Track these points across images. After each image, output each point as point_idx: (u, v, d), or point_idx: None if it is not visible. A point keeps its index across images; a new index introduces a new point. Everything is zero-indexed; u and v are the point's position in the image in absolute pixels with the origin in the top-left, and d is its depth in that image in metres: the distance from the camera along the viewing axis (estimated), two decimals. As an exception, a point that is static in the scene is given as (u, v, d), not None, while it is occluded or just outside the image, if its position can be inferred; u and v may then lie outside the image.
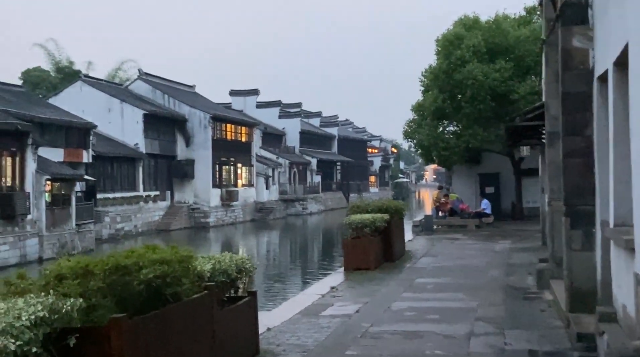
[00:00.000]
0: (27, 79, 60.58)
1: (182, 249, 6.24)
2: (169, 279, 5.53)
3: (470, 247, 20.51)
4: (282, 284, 20.91)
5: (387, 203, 17.55)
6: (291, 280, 22.02)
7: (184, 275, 5.86)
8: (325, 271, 21.38)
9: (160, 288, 5.45)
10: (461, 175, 32.53)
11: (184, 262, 5.96)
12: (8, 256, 27.95)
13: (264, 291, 17.82)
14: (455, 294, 11.98)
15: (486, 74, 26.91)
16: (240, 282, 7.83)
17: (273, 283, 20.50)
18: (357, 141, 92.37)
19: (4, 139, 28.19)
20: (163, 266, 5.51)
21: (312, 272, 23.04)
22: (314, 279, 19.59)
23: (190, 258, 6.17)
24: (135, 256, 5.47)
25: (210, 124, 49.75)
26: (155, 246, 6.13)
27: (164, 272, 5.45)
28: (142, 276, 5.23)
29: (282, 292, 18.37)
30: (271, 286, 19.49)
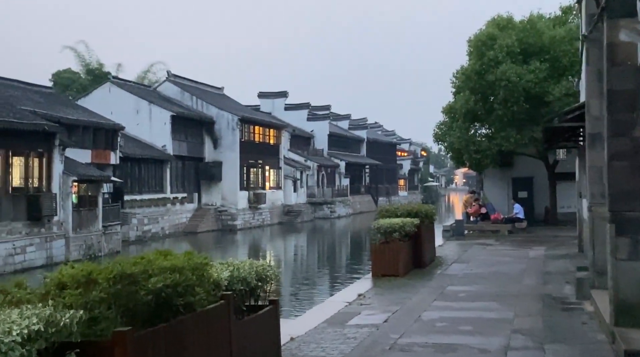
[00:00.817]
0: (58, 80, 61.18)
1: (197, 255, 5.77)
2: (181, 288, 5.07)
3: (504, 253, 19.80)
4: (309, 289, 20.41)
5: (417, 207, 16.96)
6: (318, 285, 21.49)
7: (197, 284, 5.40)
8: (353, 276, 20.86)
9: (171, 298, 4.99)
10: (493, 179, 31.74)
11: (198, 269, 5.50)
12: (34, 257, 27.90)
13: (290, 295, 17.37)
14: (490, 303, 11.36)
15: (520, 75, 26.11)
16: (261, 290, 7.36)
17: (299, 288, 20.03)
18: (386, 144, 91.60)
19: (31, 140, 28.16)
20: (174, 274, 5.05)
21: (340, 278, 22.51)
22: (341, 284, 19.09)
23: (205, 265, 5.70)
24: (144, 263, 5.02)
25: (238, 126, 49.54)
26: (167, 252, 5.68)
27: (175, 281, 5.00)
28: (150, 285, 4.78)
29: (308, 298, 17.89)
30: (297, 291, 19.02)
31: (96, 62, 62.99)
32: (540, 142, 26.68)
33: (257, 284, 6.97)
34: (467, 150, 28.03)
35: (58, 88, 57.89)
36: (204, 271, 5.64)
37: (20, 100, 32.56)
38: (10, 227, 26.94)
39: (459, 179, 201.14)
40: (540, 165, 29.59)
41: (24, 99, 33.44)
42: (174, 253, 5.70)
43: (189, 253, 5.72)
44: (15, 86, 35.90)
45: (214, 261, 6.78)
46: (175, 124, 45.10)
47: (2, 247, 26.20)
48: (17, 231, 27.28)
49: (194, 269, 5.44)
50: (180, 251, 21.11)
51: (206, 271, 5.70)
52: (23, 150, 28.01)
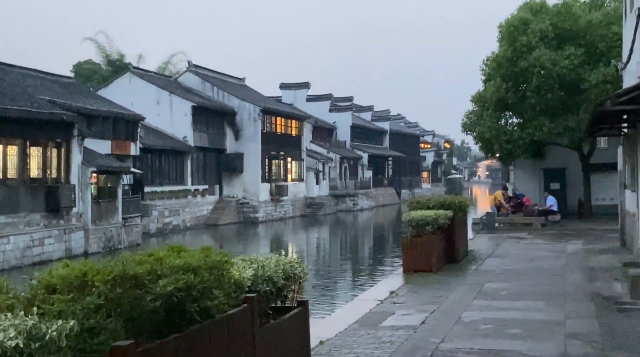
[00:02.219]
0: (79, 71, 60.83)
1: (216, 251, 4.92)
2: (196, 291, 4.22)
3: (539, 247, 18.78)
4: (335, 285, 19.47)
5: (449, 199, 16.00)
6: (344, 281, 20.55)
7: (216, 285, 4.54)
8: (381, 271, 19.98)
9: (184, 303, 4.14)
10: (524, 170, 30.59)
11: (216, 268, 4.64)
12: (53, 249, 27.35)
13: (315, 292, 16.49)
14: (535, 302, 10.41)
15: (554, 61, 24.96)
16: (289, 290, 6.50)
17: (325, 284, 19.11)
18: (409, 136, 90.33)
19: (49, 130, 27.59)
20: (188, 275, 4.20)
21: (367, 273, 21.58)
22: (369, 280, 18.21)
23: (225, 263, 4.84)
24: (151, 262, 4.17)
25: (259, 117, 48.75)
26: (180, 247, 4.83)
27: (189, 283, 4.15)
28: (158, 288, 3.93)
29: (335, 295, 17.00)
30: (323, 288, 18.12)
31: (117, 53, 62.49)
32: (575, 131, 25.60)
33: (284, 283, 6.11)
34: (497, 140, 26.92)
35: (79, 79, 57.49)
36: (224, 270, 4.79)
37: (39, 90, 32.00)
38: (28, 219, 26.41)
39: (482, 172, 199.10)
40: (573, 155, 28.41)
41: (43, 89, 32.88)
42: (188, 249, 4.85)
43: (205, 249, 4.86)
44: (34, 76, 35.35)
45: (235, 257, 5.93)
46: (196, 115, 44.41)
47: (20, 240, 25.67)
48: (35, 223, 26.74)
49: (212, 268, 4.59)
50: (202, 244, 20.22)
51: (226, 270, 4.84)
52: (41, 141, 27.43)
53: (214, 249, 4.97)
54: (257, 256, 6.28)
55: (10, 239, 25.26)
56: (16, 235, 25.54)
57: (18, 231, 25.71)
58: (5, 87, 28.19)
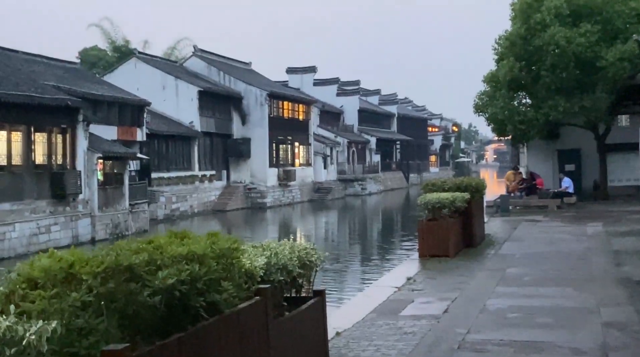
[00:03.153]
0: (84, 58, 60.24)
1: (224, 237, 4.36)
2: (202, 283, 3.67)
3: (558, 230, 18.16)
4: (347, 272, 18.84)
5: (465, 180, 15.38)
6: (357, 267, 19.93)
7: (225, 276, 3.99)
8: (394, 256, 19.43)
9: (189, 298, 3.59)
10: (537, 151, 29.90)
11: (225, 257, 4.08)
12: (59, 236, 26.93)
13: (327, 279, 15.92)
14: (562, 288, 9.84)
15: (569, 39, 24.17)
16: (305, 279, 5.95)
17: (338, 270, 18.53)
18: (417, 119, 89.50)
19: (53, 115, 27.07)
20: (192, 265, 3.64)
21: (380, 258, 21.02)
22: (383, 266, 17.67)
23: (235, 250, 4.28)
24: (150, 250, 3.61)
25: (266, 102, 48.10)
26: (184, 233, 4.27)
27: (193, 274, 3.59)
28: (157, 281, 3.37)
29: (348, 283, 16.42)
30: (336, 275, 17.54)
31: (122, 39, 61.96)
32: (591, 110, 24.89)
33: (300, 272, 5.56)
34: (511, 121, 26.19)
35: (85, 66, 56.88)
36: (234, 259, 4.23)
37: (43, 75, 31.47)
38: (33, 206, 25.97)
39: (489, 155, 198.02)
40: (588, 136, 27.69)
41: (47, 74, 32.35)
42: (193, 235, 4.29)
43: (213, 235, 4.30)
44: (38, 61, 34.81)
45: (246, 244, 5.38)
46: (202, 100, 43.81)
47: (25, 227, 25.25)
48: (41, 210, 26.31)
49: (220, 257, 4.03)
50: (209, 230, 19.54)
51: (236, 258, 4.28)
52: (46, 126, 26.92)
53: (222, 235, 4.42)
54: (269, 242, 5.73)
55: (15, 226, 24.84)
56: (22, 222, 25.13)
57: (23, 218, 25.29)
58: (8, 73, 27.66)
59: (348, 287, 15.23)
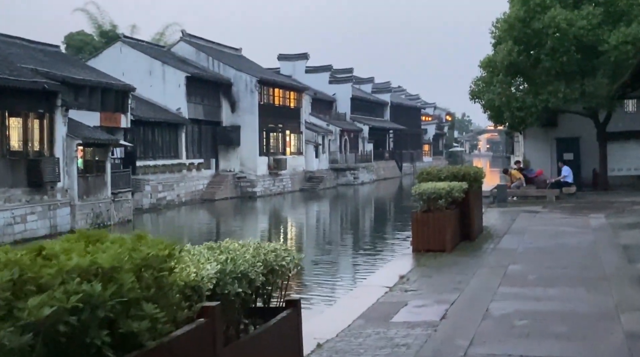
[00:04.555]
0: (70, 43, 58.85)
1: (155, 241, 3.24)
2: (106, 310, 2.55)
3: (559, 222, 17.15)
4: (336, 267, 17.70)
5: (463, 169, 14.32)
6: (346, 262, 18.79)
7: (150, 296, 2.88)
8: (386, 250, 18.36)
9: (86, 333, 2.49)
10: (535, 140, 28.87)
11: (151, 268, 2.97)
12: (37, 226, 25.76)
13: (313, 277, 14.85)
14: (573, 289, 8.79)
15: (570, 22, 23.07)
16: (274, 286, 4.85)
17: (324, 267, 17.40)
18: (411, 108, 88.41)
19: (30, 100, 25.81)
20: (93, 284, 2.53)
21: (371, 252, 19.90)
22: (374, 261, 16.59)
23: (168, 258, 3.17)
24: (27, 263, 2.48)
25: (257, 88, 46.85)
26: (100, 235, 3.17)
27: (92, 298, 2.48)
28: (28, 312, 2.26)
29: (336, 280, 15.30)
30: (322, 271, 16.43)
31: (109, 23, 60.50)
32: (593, 96, 23.84)
33: (266, 279, 4.47)
34: (508, 108, 25.09)
35: (71, 51, 55.53)
36: (166, 271, 3.12)
37: (22, 59, 30.17)
38: (8, 195, 24.76)
39: (482, 145, 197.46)
40: (588, 123, 26.66)
41: (27, 58, 31.04)
42: (113, 238, 3.18)
43: (139, 238, 3.19)
44: (18, 44, 33.47)
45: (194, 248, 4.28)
46: (190, 86, 42.54)
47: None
48: (16, 199, 25.10)
49: (144, 269, 2.93)
50: (197, 220, 18.09)
51: (169, 269, 3.17)
52: (21, 111, 25.66)
53: (155, 237, 3.31)
54: (229, 243, 4.64)
55: (-12, 216, 23.68)
56: (-5, 212, 23.95)
57: (-3, 208, 24.11)
58: (-19, 55, 26.41)
59: (336, 285, 14.14)
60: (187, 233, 30.66)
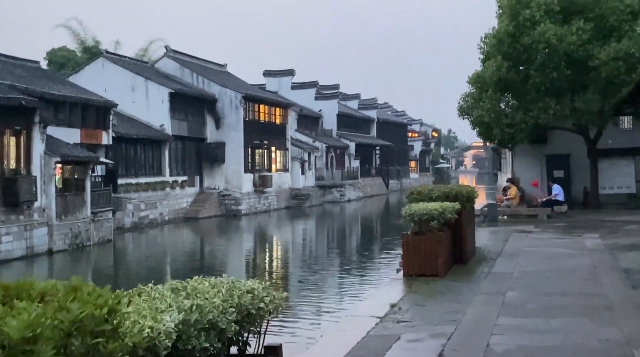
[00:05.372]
0: (53, 59, 58.08)
1: (97, 291, 2.56)
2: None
3: (553, 242, 16.58)
4: (320, 293, 16.80)
5: (455, 188, 13.70)
6: (332, 287, 17.90)
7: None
8: (374, 273, 17.66)
9: None
10: (525, 156, 28.40)
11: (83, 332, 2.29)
12: (12, 247, 24.85)
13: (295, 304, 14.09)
14: (578, 320, 8.16)
15: (560, 37, 22.69)
16: (251, 330, 4.18)
17: (308, 293, 16.60)
18: (397, 125, 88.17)
19: (6, 116, 25.03)
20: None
21: (359, 276, 19.16)
22: (361, 286, 15.89)
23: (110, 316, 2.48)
24: None
25: (242, 105, 46.25)
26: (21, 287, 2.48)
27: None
28: None
29: (319, 309, 14.46)
30: (305, 298, 15.64)
31: (92, 39, 59.67)
32: (583, 113, 23.43)
33: (240, 327, 3.80)
34: (497, 125, 24.63)
35: (53, 67, 54.73)
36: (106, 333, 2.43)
37: (0, 74, 29.38)
38: (-18, 215, 23.90)
39: (468, 161, 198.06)
40: (578, 141, 26.25)
41: (4, 73, 30.21)
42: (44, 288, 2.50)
43: (74, 289, 2.50)
44: (-4, 60, 32.70)
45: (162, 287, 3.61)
46: (174, 102, 41.85)
47: (-28, 238, 23.17)
48: (-9, 219, 24.23)
49: (74, 334, 2.25)
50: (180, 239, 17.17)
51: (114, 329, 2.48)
52: (-4, 128, 24.90)
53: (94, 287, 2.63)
54: (198, 283, 3.97)
55: (-40, 237, 22.77)
56: (-32, 233, 23.05)
57: (-30, 228, 23.22)
58: (-43, 70, 25.61)
59: (321, 312, 13.40)
60: (169, 253, 29.84)
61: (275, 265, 25.15)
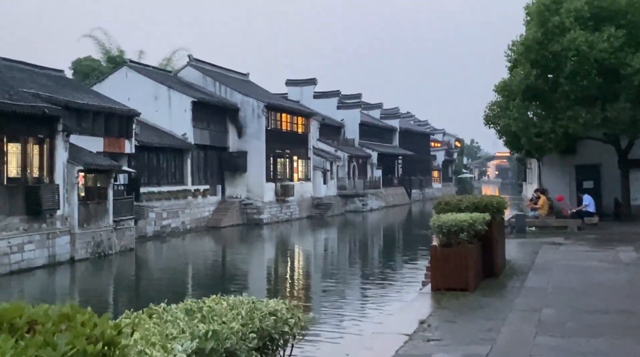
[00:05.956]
0: (78, 68, 58.45)
1: (94, 318, 2.18)
2: None
3: (586, 256, 15.98)
4: (344, 307, 16.20)
5: (485, 198, 13.20)
6: (358, 300, 17.45)
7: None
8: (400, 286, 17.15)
9: None
10: (553, 167, 27.74)
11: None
12: (34, 256, 24.73)
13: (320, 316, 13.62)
14: (623, 340, 7.64)
15: (591, 44, 22.08)
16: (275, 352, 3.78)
17: (331, 306, 16.05)
18: (420, 134, 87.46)
19: (30, 125, 24.98)
20: None
21: (383, 288, 18.63)
22: (388, 300, 15.39)
23: (109, 348, 2.10)
24: None
25: (264, 114, 46.03)
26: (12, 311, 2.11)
27: None
28: None
29: (346, 321, 14.03)
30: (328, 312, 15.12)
31: (117, 49, 60.01)
32: (615, 122, 22.76)
33: (261, 354, 3.40)
34: (525, 134, 24.04)
35: (78, 76, 55.08)
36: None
37: (24, 83, 29.44)
38: (4, 223, 23.79)
39: (491, 171, 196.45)
40: (609, 150, 25.56)
41: (29, 82, 30.33)
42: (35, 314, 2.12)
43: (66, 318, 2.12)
44: (21, 68, 32.81)
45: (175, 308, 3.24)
46: (196, 111, 41.75)
47: (-6, 246, 23.06)
48: (13, 227, 24.13)
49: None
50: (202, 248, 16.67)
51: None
52: (20, 136, 24.83)
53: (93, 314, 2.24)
54: (215, 303, 3.58)
55: (-17, 245, 22.67)
56: (-10, 241, 22.94)
57: (-8, 237, 23.11)
58: (-18, 78, 25.66)
59: (346, 327, 12.94)
60: (191, 262, 29.56)
61: (297, 276, 24.74)
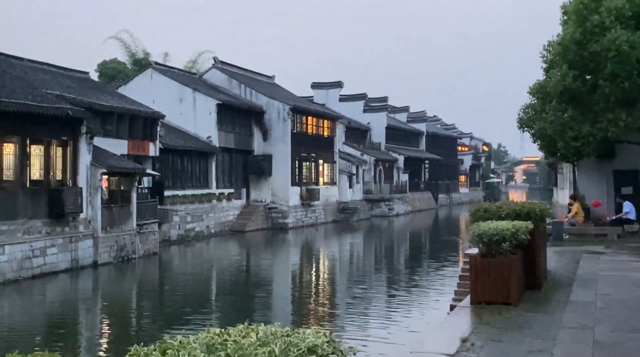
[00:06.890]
0: (103, 71, 58.45)
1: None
2: None
3: (631, 266, 15.09)
4: (378, 319, 15.52)
5: (527, 205, 12.39)
6: (388, 314, 16.36)
7: None
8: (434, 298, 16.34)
9: None
10: (589, 172, 26.73)
11: None
12: (57, 260, 24.34)
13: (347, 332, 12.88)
14: (693, 368, 6.85)
15: (633, 44, 21.08)
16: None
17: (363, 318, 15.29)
18: (447, 138, 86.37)
19: (53, 127, 24.64)
20: None
21: (417, 301, 17.79)
22: (420, 313, 14.60)
23: None
24: None
25: (289, 116, 45.47)
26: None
27: None
28: None
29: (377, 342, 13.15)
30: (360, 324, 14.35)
31: (142, 51, 59.97)
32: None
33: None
34: (562, 137, 23.10)
35: (104, 78, 55.09)
36: None
37: (48, 84, 29.17)
38: (27, 226, 23.44)
39: (518, 176, 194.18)
40: (649, 155, 24.52)
41: (53, 83, 30.05)
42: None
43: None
44: (45, 70, 32.60)
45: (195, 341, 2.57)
46: (221, 114, 41.31)
47: (16, 249, 22.69)
48: (36, 231, 23.77)
49: None
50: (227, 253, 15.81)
51: None
52: (43, 138, 24.46)
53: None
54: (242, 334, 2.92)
55: (5, 248, 22.27)
56: (12, 244, 22.55)
57: (15, 240, 22.73)
58: (6, 80, 25.36)
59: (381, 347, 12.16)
60: (215, 267, 29.03)
61: (323, 284, 24.03)
